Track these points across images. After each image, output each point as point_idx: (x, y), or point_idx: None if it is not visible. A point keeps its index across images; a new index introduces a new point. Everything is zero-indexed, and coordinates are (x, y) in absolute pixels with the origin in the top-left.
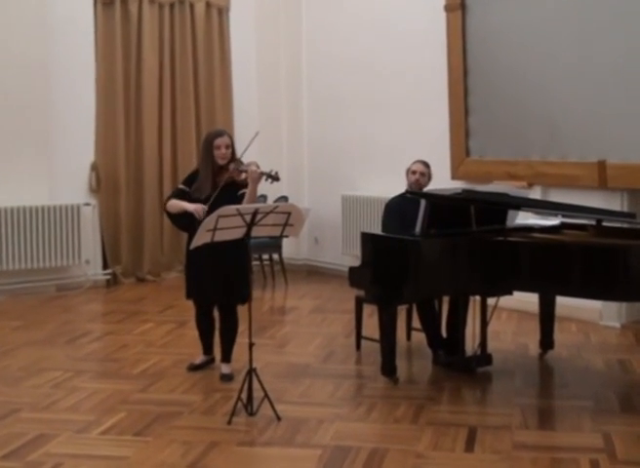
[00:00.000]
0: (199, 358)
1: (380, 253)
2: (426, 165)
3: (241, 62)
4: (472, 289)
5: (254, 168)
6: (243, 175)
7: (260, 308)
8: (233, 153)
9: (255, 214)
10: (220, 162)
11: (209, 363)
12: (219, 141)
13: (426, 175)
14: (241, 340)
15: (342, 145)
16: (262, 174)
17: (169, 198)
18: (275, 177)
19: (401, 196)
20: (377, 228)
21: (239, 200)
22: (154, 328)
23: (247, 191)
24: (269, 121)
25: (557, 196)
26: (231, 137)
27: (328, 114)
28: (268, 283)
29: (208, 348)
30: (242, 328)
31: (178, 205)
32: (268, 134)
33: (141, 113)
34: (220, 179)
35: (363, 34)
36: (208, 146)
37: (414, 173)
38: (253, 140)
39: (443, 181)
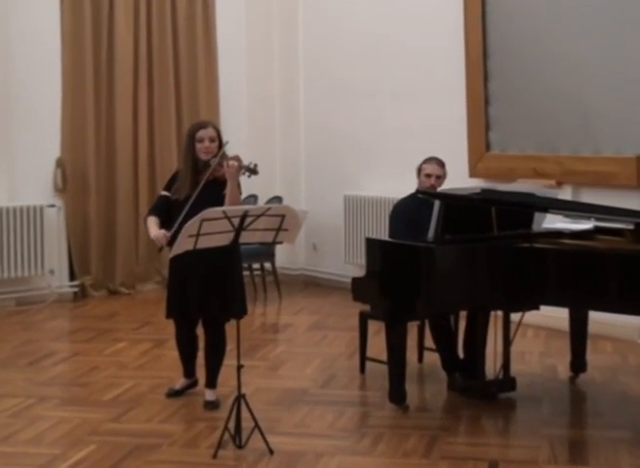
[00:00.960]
0: (180, 382)
1: (387, 261)
2: (442, 164)
3: (228, 45)
4: (493, 303)
5: (231, 161)
6: (222, 169)
7: (251, 325)
8: (220, 147)
9: (244, 217)
10: (204, 157)
11: (191, 387)
12: (202, 134)
13: (442, 178)
14: (228, 362)
15: (345, 138)
16: (240, 167)
17: (150, 210)
18: (253, 170)
19: (411, 197)
20: (384, 233)
21: (224, 200)
22: (128, 347)
23: (227, 190)
24: (260, 111)
25: (590, 196)
26: (217, 129)
27: (328, 103)
28: (259, 296)
29: (190, 370)
30: (229, 347)
31: (148, 226)
32: (259, 126)
33: (114, 104)
34: (202, 177)
35: (368, 11)
36: (190, 140)
37: (428, 176)
38: (223, 149)
39: (459, 179)
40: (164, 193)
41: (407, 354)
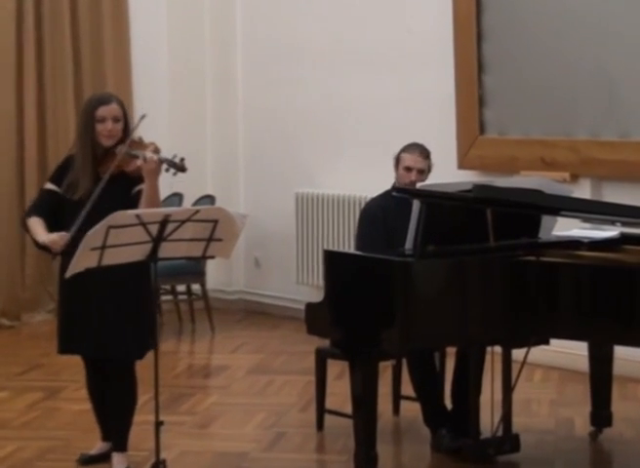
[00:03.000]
0: (97, 446)
1: (352, 281)
2: (426, 154)
3: (144, 5)
4: (490, 335)
5: (149, 154)
6: (136, 163)
7: (173, 367)
8: (126, 130)
9: (164, 223)
10: (106, 142)
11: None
12: (103, 111)
13: (426, 172)
14: (143, 417)
15: (297, 120)
16: (161, 161)
17: (30, 210)
18: (180, 167)
19: (385, 196)
20: (349, 244)
21: (134, 201)
22: (11, 399)
23: (143, 188)
24: (186, 84)
25: (615, 194)
26: (123, 105)
27: (275, 74)
28: (185, 328)
29: (109, 430)
30: (145, 397)
31: (33, 230)
32: (184, 103)
33: None
34: (105, 169)
35: None
36: (87, 119)
37: (408, 169)
38: (138, 125)
39: (446, 172)
40: (50, 187)
41: (378, 404)
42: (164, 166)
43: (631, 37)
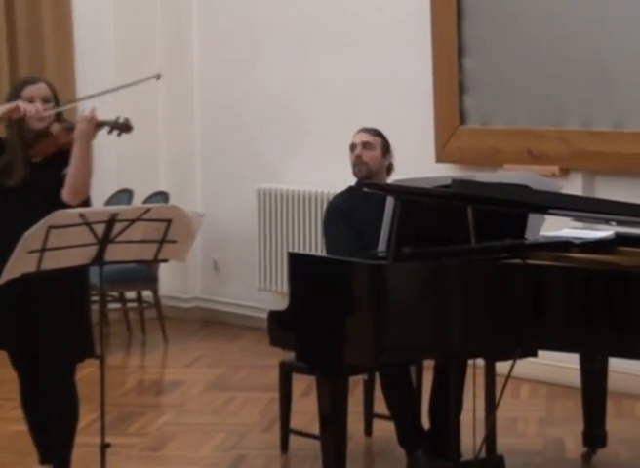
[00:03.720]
0: None
1: (319, 287)
2: (374, 131)
3: None
4: (471, 346)
5: (87, 111)
6: (72, 136)
7: (121, 383)
8: (59, 112)
9: (111, 222)
10: (36, 125)
11: None
12: (30, 91)
13: (377, 148)
14: (88, 439)
15: (259, 107)
16: (99, 124)
17: None
18: (124, 125)
19: (349, 192)
20: (316, 246)
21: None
22: None
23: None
24: (135, 67)
25: (609, 189)
26: (52, 86)
27: (234, 60)
28: (135, 340)
29: (47, 452)
30: (89, 418)
31: None
32: (134, 93)
33: None
34: (36, 153)
35: None
36: (13, 100)
37: (352, 148)
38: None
39: (423, 165)
40: None
41: (349, 424)
42: (105, 128)
43: (627, 17)
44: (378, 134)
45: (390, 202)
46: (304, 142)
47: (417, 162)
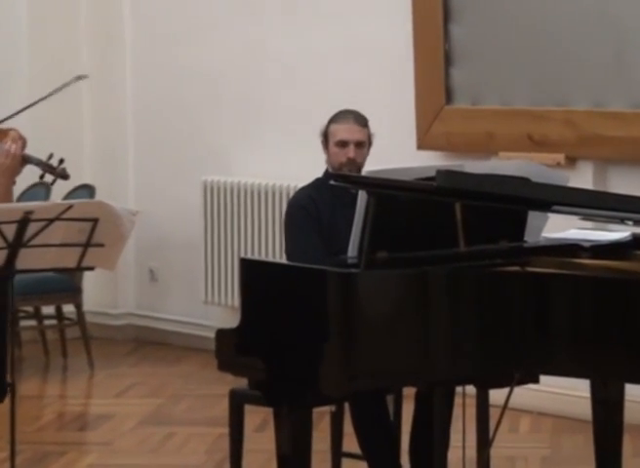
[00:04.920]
0: None
1: (278, 300)
2: (363, 122)
3: None
4: (460, 371)
5: (8, 145)
6: None
7: (37, 417)
8: None
9: (24, 222)
10: None
11: None
12: None
13: (366, 145)
14: None
15: (204, 87)
16: (26, 160)
17: None
18: (59, 173)
19: (316, 186)
20: (274, 250)
21: None
22: None
23: None
24: (55, 35)
25: (624, 181)
26: None
27: (174, 27)
28: (54, 364)
29: None
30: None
31: None
32: (53, 67)
33: None
34: None
35: None
36: None
37: (342, 145)
38: None
39: (402, 153)
40: None
41: (313, 463)
42: (37, 169)
43: None
44: (366, 123)
45: (362, 197)
46: (260, 125)
47: (394, 149)
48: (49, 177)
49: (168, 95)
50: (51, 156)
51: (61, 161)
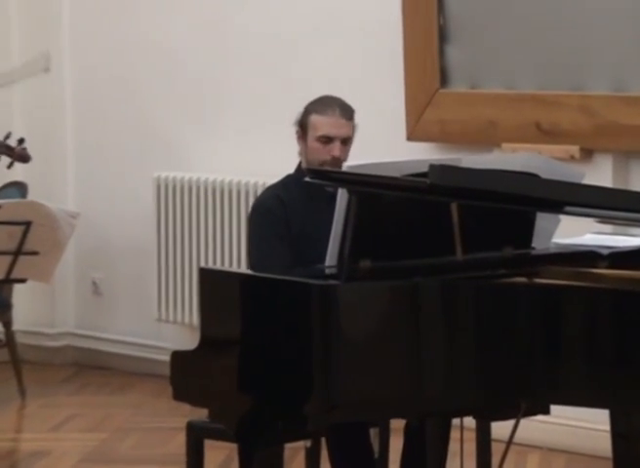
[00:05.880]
0: None
1: (242, 316)
2: (348, 113)
3: None
4: (457, 400)
5: None
6: None
7: None
8: None
9: None
10: None
11: None
12: None
13: (351, 141)
14: None
15: (152, 70)
16: None
17: None
18: (19, 155)
19: (286, 184)
20: (239, 259)
21: None
22: None
23: None
24: None
25: None
26: None
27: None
28: None
29: None
30: None
31: None
32: None
33: None
34: None
35: None
36: None
37: (325, 140)
38: None
39: (389, 145)
40: None
41: None
42: None
43: None
44: (352, 114)
45: (343, 197)
46: (221, 113)
47: (379, 140)
48: (5, 160)
49: (113, 77)
50: (8, 135)
51: (21, 141)
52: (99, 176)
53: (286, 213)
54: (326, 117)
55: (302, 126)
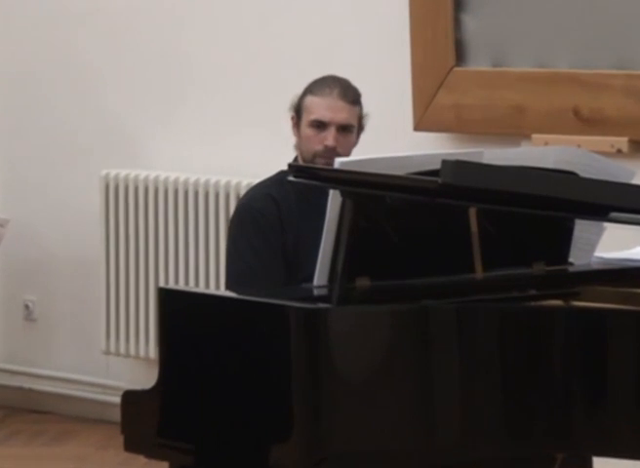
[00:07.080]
0: None
1: (211, 347)
2: (353, 95)
3: None
4: (474, 450)
5: None
6: None
7: None
8: None
9: None
10: None
11: None
12: None
13: (353, 129)
14: None
15: (101, 40)
16: None
17: None
18: None
19: (281, 182)
20: (207, 276)
21: None
22: None
23: None
24: None
25: None
26: None
27: None
28: None
29: None
30: None
31: None
32: None
33: None
34: None
35: None
36: None
37: (319, 126)
38: None
39: (392, 135)
40: None
41: None
42: None
43: None
44: (358, 98)
45: (335, 200)
46: (184, 98)
47: (382, 130)
48: None
49: (49, 54)
50: None
51: None
52: (32, 176)
53: (280, 217)
54: (321, 98)
55: (297, 110)
